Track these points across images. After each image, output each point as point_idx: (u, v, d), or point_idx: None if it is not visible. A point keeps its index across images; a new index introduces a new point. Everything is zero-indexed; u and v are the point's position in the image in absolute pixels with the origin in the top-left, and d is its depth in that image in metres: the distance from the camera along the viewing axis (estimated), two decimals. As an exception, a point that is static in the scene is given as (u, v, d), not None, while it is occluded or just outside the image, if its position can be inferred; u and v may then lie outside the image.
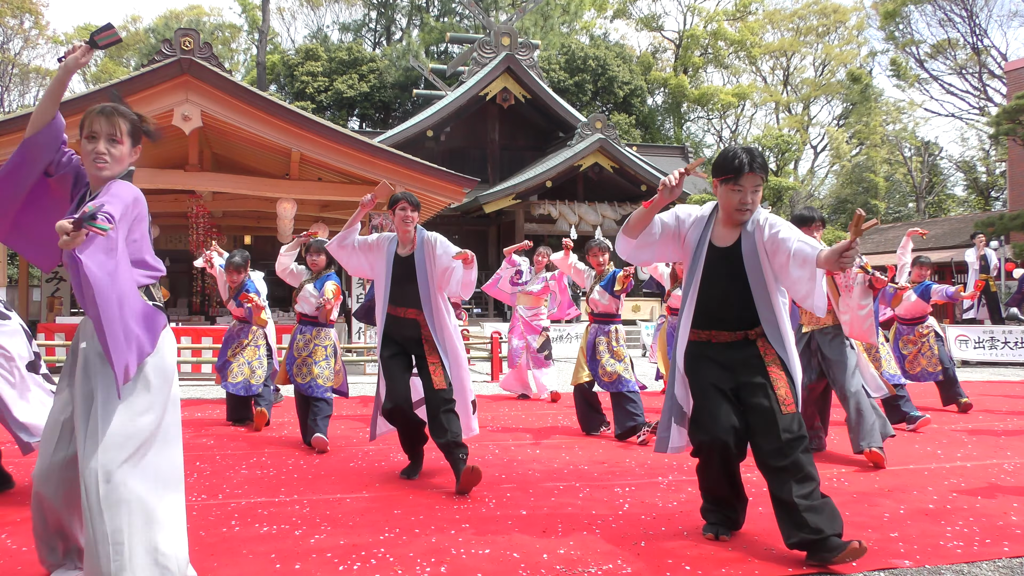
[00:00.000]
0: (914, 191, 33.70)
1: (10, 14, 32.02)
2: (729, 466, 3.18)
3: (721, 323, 3.20)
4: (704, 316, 3.22)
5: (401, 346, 4.39)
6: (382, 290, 4.42)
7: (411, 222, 4.40)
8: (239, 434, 6.01)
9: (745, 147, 3.16)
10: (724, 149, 3.20)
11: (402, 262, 4.39)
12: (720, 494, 3.26)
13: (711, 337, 3.21)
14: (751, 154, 3.09)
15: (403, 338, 4.38)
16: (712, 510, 3.30)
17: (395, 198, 4.43)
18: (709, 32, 38.70)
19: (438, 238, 4.40)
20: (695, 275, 3.23)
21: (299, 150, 11.17)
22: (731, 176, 3.07)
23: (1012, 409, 7.38)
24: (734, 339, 3.19)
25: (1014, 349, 12.52)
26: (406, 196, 4.43)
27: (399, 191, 4.51)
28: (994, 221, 17.18)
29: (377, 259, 4.48)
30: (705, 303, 3.22)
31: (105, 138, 2.52)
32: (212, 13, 41.97)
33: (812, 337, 5.06)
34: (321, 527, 3.38)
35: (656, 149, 28.76)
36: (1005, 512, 3.60)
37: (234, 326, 6.57)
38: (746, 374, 3.13)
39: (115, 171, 2.53)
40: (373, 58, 33.66)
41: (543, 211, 21.81)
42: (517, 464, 4.79)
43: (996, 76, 27.59)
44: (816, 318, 5.04)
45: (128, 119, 2.56)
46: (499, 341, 11.07)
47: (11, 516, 3.57)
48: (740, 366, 3.16)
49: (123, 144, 2.54)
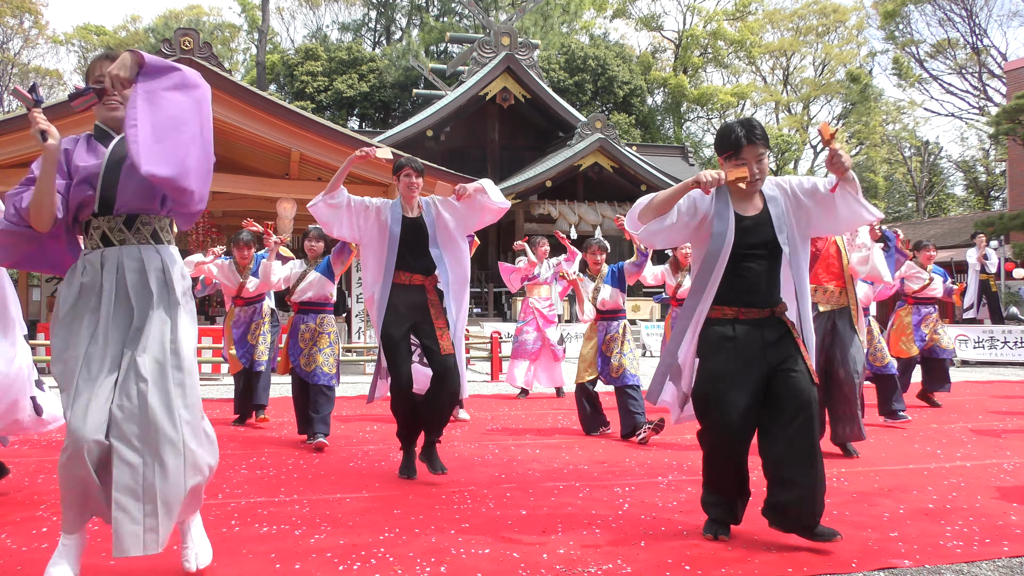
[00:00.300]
0: (914, 191, 33.72)
1: (10, 14, 32.00)
2: (738, 454, 3.16)
3: (752, 298, 3.15)
4: (732, 292, 3.15)
5: (405, 320, 4.26)
6: (384, 257, 4.27)
7: (416, 188, 4.36)
8: (239, 434, 6.01)
9: (741, 120, 3.17)
10: (722, 126, 3.24)
11: (412, 224, 4.30)
12: (725, 484, 3.20)
13: (739, 314, 3.15)
14: (748, 126, 3.12)
15: (408, 306, 4.26)
16: (713, 504, 3.24)
17: (399, 164, 4.39)
18: (709, 32, 38.70)
19: (434, 197, 4.43)
20: (722, 249, 3.13)
21: (299, 150, 11.18)
22: (732, 151, 3.11)
23: (1012, 409, 7.38)
24: (762, 316, 3.16)
25: (1014, 349, 12.53)
26: (410, 162, 4.39)
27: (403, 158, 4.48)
28: (994, 221, 17.18)
29: (376, 224, 4.30)
30: (731, 278, 3.15)
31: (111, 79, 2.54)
32: (212, 13, 41.98)
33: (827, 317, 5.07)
34: (321, 527, 3.38)
35: (656, 149, 28.74)
36: (1005, 512, 3.59)
37: (242, 311, 6.51)
38: (776, 353, 3.13)
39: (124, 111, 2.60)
40: (373, 58, 33.65)
41: (543, 211, 21.80)
42: (517, 464, 4.79)
43: (996, 76, 27.59)
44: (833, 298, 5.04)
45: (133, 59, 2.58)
46: (499, 341, 11.07)
47: (11, 516, 3.56)
48: (771, 346, 3.14)
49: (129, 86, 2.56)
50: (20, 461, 4.55)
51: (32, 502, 3.84)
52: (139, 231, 2.62)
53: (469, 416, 6.86)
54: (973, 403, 7.80)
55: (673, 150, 29.26)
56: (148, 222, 2.64)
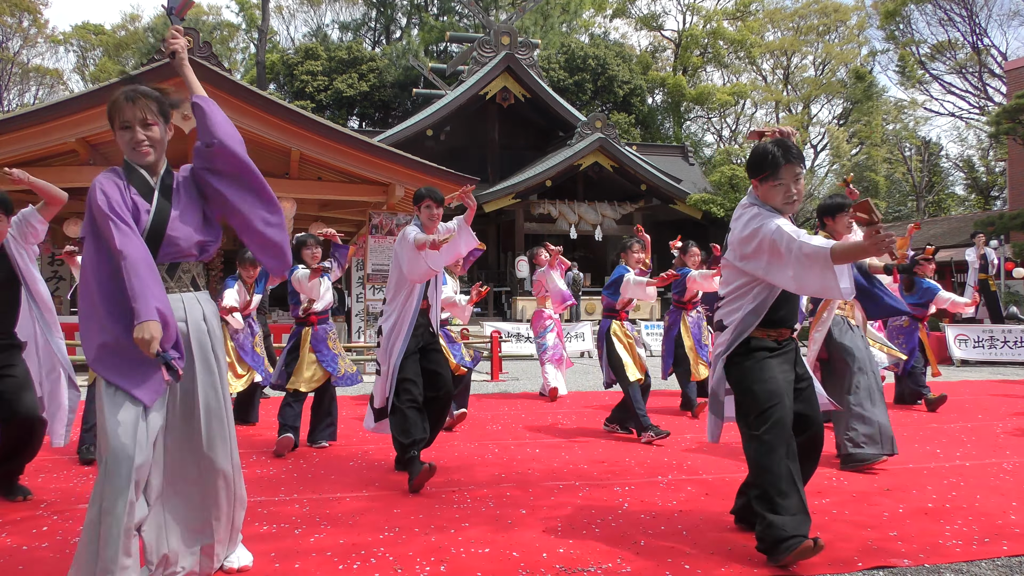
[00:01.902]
0: (914, 190, 33.71)
1: (9, 13, 31.99)
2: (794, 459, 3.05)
3: (785, 320, 3.20)
4: (774, 313, 3.16)
5: (415, 343, 4.44)
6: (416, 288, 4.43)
7: (437, 219, 4.53)
8: (238, 434, 6.01)
9: (775, 141, 3.14)
10: (754, 149, 3.17)
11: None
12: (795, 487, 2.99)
13: (779, 335, 3.19)
14: (784, 146, 3.09)
15: (419, 329, 4.47)
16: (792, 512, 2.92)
17: (419, 194, 4.54)
18: (708, 32, 38.67)
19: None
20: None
21: (299, 149, 11.17)
22: (768, 173, 3.07)
23: (1012, 409, 7.38)
24: (789, 336, 3.23)
25: (1013, 348, 12.52)
26: (430, 193, 4.50)
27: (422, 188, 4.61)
28: (994, 220, 17.17)
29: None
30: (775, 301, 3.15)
31: (139, 124, 2.57)
32: (211, 12, 41.93)
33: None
34: (321, 526, 3.38)
35: (656, 148, 28.75)
36: (1004, 511, 3.60)
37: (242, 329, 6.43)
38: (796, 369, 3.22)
39: (159, 153, 2.63)
40: (373, 57, 33.64)
41: (543, 210, 21.81)
42: (517, 464, 4.79)
43: (996, 75, 27.59)
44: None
45: (153, 99, 2.59)
46: (499, 340, 11.08)
47: (11, 516, 3.57)
48: (794, 363, 3.22)
49: (156, 125, 2.59)
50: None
51: (32, 502, 3.85)
52: (180, 279, 2.66)
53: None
54: (973, 403, 7.80)
55: (673, 149, 29.27)
56: (188, 270, 2.68)
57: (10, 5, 31.62)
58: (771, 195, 3.09)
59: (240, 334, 6.34)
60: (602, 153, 21.52)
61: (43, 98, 34.08)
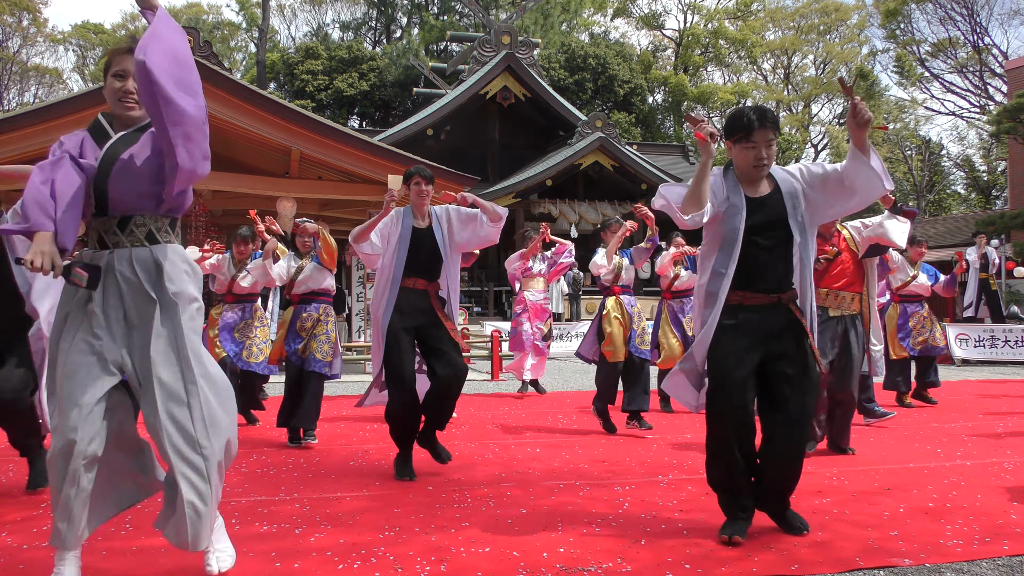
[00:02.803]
0: (915, 189, 33.69)
1: (8, 12, 31.98)
2: (746, 446, 3.14)
3: (759, 283, 3.14)
4: (741, 275, 3.13)
5: (409, 320, 4.35)
6: (392, 264, 4.39)
7: (427, 196, 4.48)
8: (238, 433, 5.99)
9: (753, 105, 3.21)
10: (732, 110, 3.27)
11: (421, 234, 4.43)
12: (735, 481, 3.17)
13: (743, 299, 3.14)
14: (760, 111, 3.15)
15: (413, 308, 4.38)
16: (729, 504, 3.21)
17: (409, 173, 4.52)
18: (710, 31, 38.66)
19: (448, 207, 4.52)
20: (739, 229, 3.11)
21: (299, 148, 11.18)
22: (742, 134, 3.12)
23: (1012, 408, 7.38)
24: (768, 302, 3.16)
25: (1014, 348, 12.51)
26: (419, 171, 4.50)
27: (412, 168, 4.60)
28: (995, 220, 17.17)
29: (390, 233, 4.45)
30: (744, 261, 3.13)
31: (132, 76, 2.50)
32: (211, 11, 41.94)
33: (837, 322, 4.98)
34: (321, 526, 3.38)
35: (656, 148, 28.72)
36: (1005, 511, 3.59)
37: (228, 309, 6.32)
38: (780, 343, 3.15)
39: (142, 112, 2.54)
40: (373, 56, 33.62)
41: (543, 210, 21.78)
42: (517, 463, 4.79)
43: (997, 75, 27.58)
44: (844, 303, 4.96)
45: None
46: (499, 340, 11.06)
47: (11, 516, 3.57)
48: (774, 335, 3.15)
49: None
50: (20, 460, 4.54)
51: (32, 502, 3.85)
52: (132, 233, 2.55)
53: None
54: (973, 402, 7.80)
55: (673, 149, 29.24)
56: (143, 223, 2.56)
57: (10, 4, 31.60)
58: (742, 156, 3.16)
59: (229, 312, 6.29)
60: (603, 152, 21.50)
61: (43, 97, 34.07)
